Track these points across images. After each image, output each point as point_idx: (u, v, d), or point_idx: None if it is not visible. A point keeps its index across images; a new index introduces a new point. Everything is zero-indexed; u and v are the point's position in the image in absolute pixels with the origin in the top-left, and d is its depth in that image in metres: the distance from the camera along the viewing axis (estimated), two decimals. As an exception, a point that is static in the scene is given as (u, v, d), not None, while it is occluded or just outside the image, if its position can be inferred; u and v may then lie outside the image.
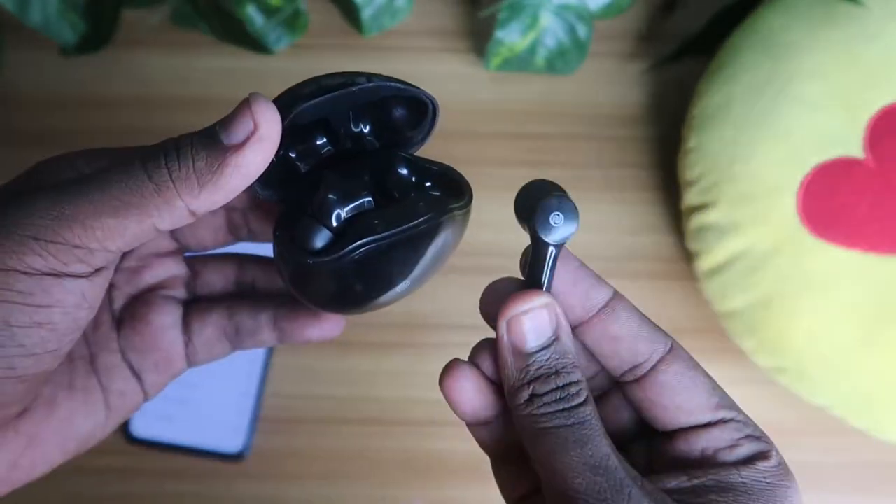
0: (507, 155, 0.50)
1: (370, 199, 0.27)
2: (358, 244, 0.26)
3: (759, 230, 0.44)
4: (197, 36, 0.51)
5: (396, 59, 0.52)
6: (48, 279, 0.24)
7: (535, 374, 0.25)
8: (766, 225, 0.43)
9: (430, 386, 0.49)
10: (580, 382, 0.25)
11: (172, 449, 0.47)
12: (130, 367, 0.30)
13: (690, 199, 0.46)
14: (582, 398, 0.25)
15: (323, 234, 0.26)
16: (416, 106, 0.28)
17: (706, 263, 0.45)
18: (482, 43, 0.51)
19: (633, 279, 0.49)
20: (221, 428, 0.47)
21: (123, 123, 0.50)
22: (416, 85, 0.27)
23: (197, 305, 0.31)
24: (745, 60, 0.45)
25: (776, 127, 0.44)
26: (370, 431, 0.48)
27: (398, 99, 0.28)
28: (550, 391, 0.25)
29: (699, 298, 0.48)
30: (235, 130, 0.24)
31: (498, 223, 0.50)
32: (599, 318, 0.27)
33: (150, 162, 0.24)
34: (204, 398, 0.47)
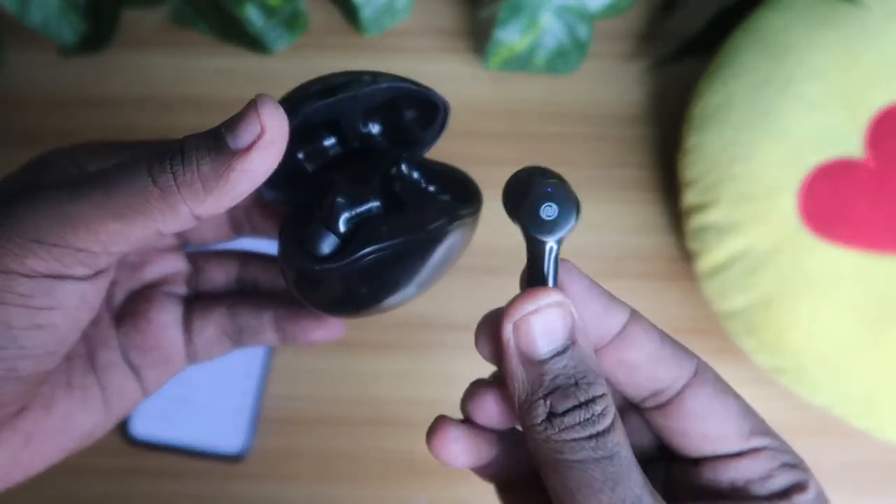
0: (507, 155, 0.50)
1: (378, 203, 0.27)
2: (365, 252, 0.25)
3: (759, 230, 0.44)
4: (197, 36, 0.51)
5: (396, 59, 0.52)
6: (49, 281, 0.24)
7: (550, 385, 0.21)
8: (766, 225, 0.43)
9: (430, 386, 0.49)
10: (606, 397, 0.22)
11: (172, 449, 0.47)
12: (129, 364, 0.30)
13: (690, 199, 0.46)
14: (609, 419, 0.21)
15: (330, 239, 0.26)
16: (426, 107, 0.28)
17: (706, 263, 0.45)
18: (482, 43, 0.51)
19: (633, 279, 0.49)
20: (221, 428, 0.47)
21: (123, 123, 0.50)
22: (427, 86, 0.27)
23: (198, 303, 0.31)
24: (745, 60, 0.45)
25: (776, 127, 0.44)
26: (370, 432, 0.48)
27: (408, 100, 0.27)
28: (572, 409, 0.21)
29: (699, 298, 0.48)
30: (242, 134, 0.23)
31: (498, 223, 0.50)
32: (614, 345, 0.24)
33: (154, 166, 0.23)
34: (204, 398, 0.47)
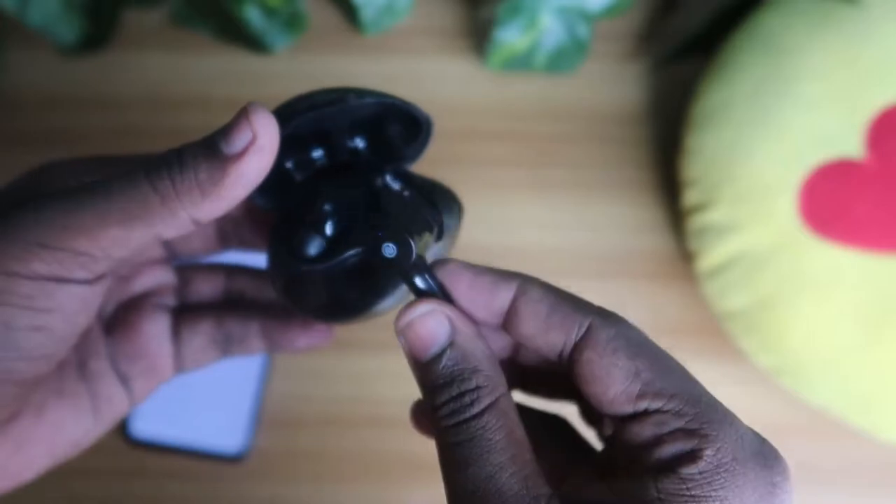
0: (506, 155, 0.50)
1: (364, 210, 0.28)
2: (350, 253, 0.26)
3: (759, 230, 0.44)
4: (197, 36, 0.51)
5: (396, 59, 0.52)
6: (51, 284, 0.24)
7: (432, 384, 0.24)
8: (766, 225, 0.43)
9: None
10: (477, 389, 0.23)
11: (172, 450, 0.47)
12: (118, 373, 0.30)
13: (690, 199, 0.46)
14: (477, 408, 0.23)
15: (317, 242, 0.27)
16: (410, 123, 0.29)
17: (706, 263, 0.45)
18: (482, 43, 0.51)
19: (633, 279, 0.49)
20: (221, 428, 0.47)
21: (123, 123, 0.50)
22: (411, 102, 0.28)
23: (187, 314, 0.32)
24: (745, 60, 0.45)
25: (776, 127, 0.44)
26: (371, 432, 0.48)
27: (394, 115, 0.29)
28: (446, 402, 0.24)
29: (699, 298, 0.48)
30: (235, 140, 0.24)
31: (498, 223, 0.50)
32: (509, 320, 0.25)
33: (153, 173, 0.24)
34: (204, 399, 0.47)
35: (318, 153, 0.29)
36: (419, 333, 0.24)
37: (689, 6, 0.52)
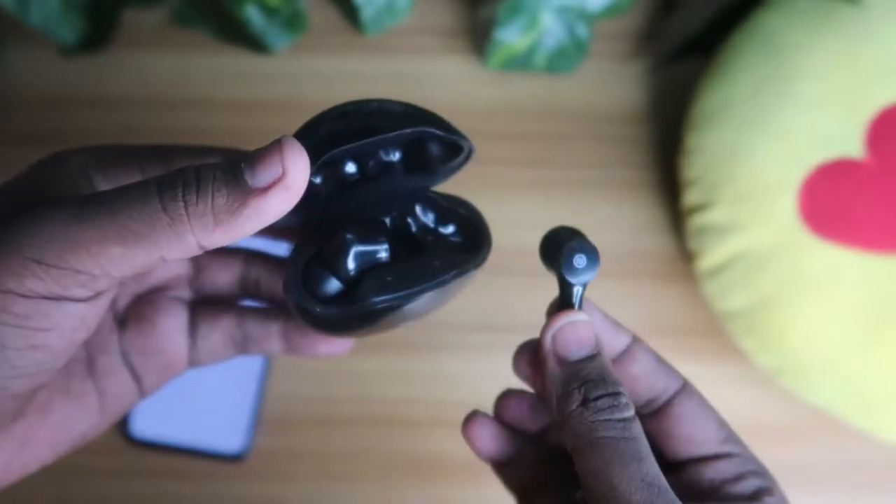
0: (507, 155, 0.50)
1: (387, 246, 0.27)
2: (368, 302, 0.26)
3: (759, 230, 0.44)
4: (197, 36, 0.51)
5: (396, 58, 0.52)
6: (47, 303, 0.23)
7: (583, 378, 0.26)
8: (766, 225, 0.43)
9: (431, 386, 0.49)
10: (626, 395, 0.26)
11: (172, 449, 0.47)
12: (130, 367, 0.30)
13: (690, 199, 0.46)
14: (632, 411, 0.26)
15: (334, 283, 0.27)
16: (450, 145, 0.28)
17: (706, 263, 0.45)
18: (482, 43, 0.51)
19: (633, 279, 0.49)
20: (221, 428, 0.47)
21: (123, 123, 0.50)
22: (455, 128, 0.28)
23: (204, 309, 0.31)
24: (745, 60, 0.45)
25: (776, 127, 0.44)
26: (371, 432, 0.48)
27: (434, 138, 0.28)
28: (602, 396, 0.25)
29: (699, 298, 0.48)
30: (262, 173, 0.22)
31: (499, 223, 0.50)
32: (620, 361, 0.28)
33: (166, 192, 0.22)
34: (204, 398, 0.47)
35: (350, 168, 0.28)
36: (571, 336, 0.27)
37: (689, 6, 0.52)
